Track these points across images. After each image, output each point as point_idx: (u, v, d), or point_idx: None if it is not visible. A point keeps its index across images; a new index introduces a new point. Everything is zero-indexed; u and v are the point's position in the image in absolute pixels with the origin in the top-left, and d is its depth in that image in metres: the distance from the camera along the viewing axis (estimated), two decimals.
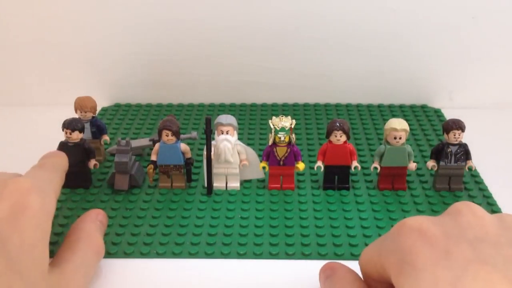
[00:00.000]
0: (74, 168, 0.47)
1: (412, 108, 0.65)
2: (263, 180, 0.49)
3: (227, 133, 0.47)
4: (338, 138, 0.46)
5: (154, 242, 0.41)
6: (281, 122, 0.46)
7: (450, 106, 0.66)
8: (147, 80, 0.66)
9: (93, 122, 0.51)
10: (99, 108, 0.56)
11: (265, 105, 0.67)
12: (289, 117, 0.46)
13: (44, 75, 0.66)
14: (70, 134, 0.46)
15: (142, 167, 0.50)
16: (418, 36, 0.63)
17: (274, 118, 0.46)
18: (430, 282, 0.23)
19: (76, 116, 0.50)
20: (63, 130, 0.46)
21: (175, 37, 0.63)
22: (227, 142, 0.46)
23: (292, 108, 0.66)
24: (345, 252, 0.40)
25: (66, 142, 0.47)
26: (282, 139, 0.46)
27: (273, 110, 0.65)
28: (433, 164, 0.47)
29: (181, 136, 0.48)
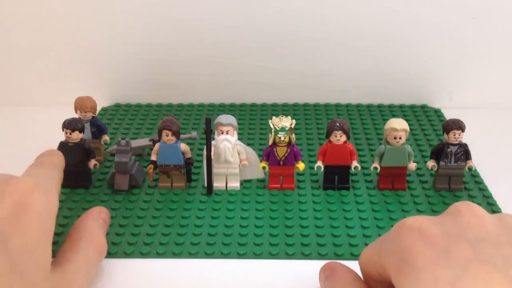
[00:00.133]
0: (74, 168, 0.47)
1: (412, 108, 0.65)
2: (263, 180, 0.49)
3: (227, 133, 0.47)
4: (338, 138, 0.46)
5: (154, 242, 0.41)
6: (281, 122, 0.46)
7: (450, 106, 0.66)
8: (147, 80, 0.66)
9: (93, 122, 0.51)
10: (99, 108, 0.56)
11: (265, 105, 0.67)
12: (289, 117, 0.46)
13: (44, 75, 0.66)
14: (70, 134, 0.46)
15: (142, 167, 0.50)
16: (418, 36, 0.63)
17: (274, 118, 0.46)
18: (430, 282, 0.23)
19: (76, 116, 0.50)
20: (63, 130, 0.46)
21: (175, 37, 0.63)
22: (227, 142, 0.46)
23: (292, 108, 0.66)
24: (345, 252, 0.40)
25: (66, 142, 0.47)
26: (282, 139, 0.46)
27: (273, 110, 0.65)
28: (433, 164, 0.47)
29: (181, 136, 0.48)
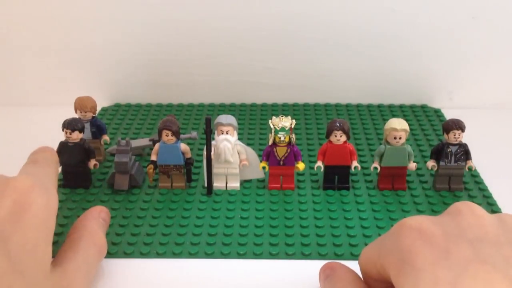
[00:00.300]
0: (74, 168, 0.47)
1: (412, 108, 0.65)
2: (263, 180, 0.49)
3: (227, 133, 0.47)
4: (338, 138, 0.46)
5: (154, 242, 0.41)
6: (281, 122, 0.46)
7: (450, 106, 0.66)
8: (147, 80, 0.66)
9: (93, 122, 0.51)
10: (99, 108, 0.56)
11: (265, 105, 0.67)
12: (289, 117, 0.46)
13: (44, 75, 0.66)
14: (70, 134, 0.46)
15: (142, 167, 0.50)
16: (418, 36, 0.63)
17: (274, 118, 0.46)
18: (430, 281, 0.23)
19: (76, 116, 0.50)
20: (63, 130, 0.46)
21: (175, 37, 0.63)
22: (227, 142, 0.46)
23: (292, 108, 0.66)
24: (345, 252, 0.40)
25: (66, 142, 0.47)
26: (282, 139, 0.46)
27: (273, 110, 0.65)
28: (433, 164, 0.47)
29: (181, 136, 0.48)
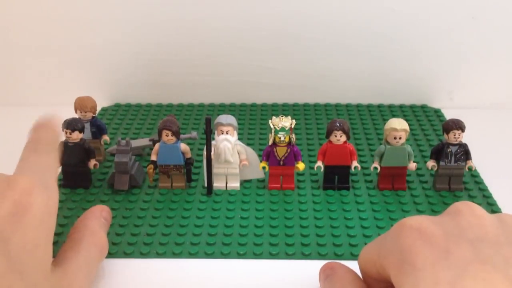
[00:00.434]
0: (74, 168, 0.47)
1: (412, 108, 0.65)
2: (263, 180, 0.49)
3: (227, 133, 0.47)
4: (338, 138, 0.46)
5: (154, 242, 0.41)
6: (281, 122, 0.46)
7: (450, 106, 0.66)
8: (147, 80, 0.66)
9: (93, 122, 0.51)
10: (99, 108, 0.56)
11: (265, 105, 0.67)
12: (289, 117, 0.46)
13: (44, 75, 0.66)
14: (70, 134, 0.46)
15: (142, 167, 0.50)
16: (418, 36, 0.63)
17: (274, 118, 0.46)
18: (430, 282, 0.23)
19: (76, 116, 0.50)
20: (63, 130, 0.46)
21: (175, 37, 0.63)
22: (227, 142, 0.46)
23: (292, 108, 0.66)
24: (345, 252, 0.40)
25: (66, 142, 0.47)
26: (282, 139, 0.46)
27: (273, 110, 0.65)
28: (433, 164, 0.47)
29: (181, 136, 0.48)
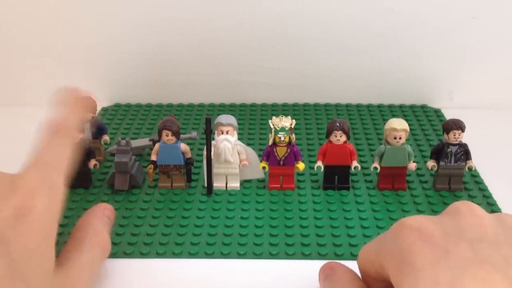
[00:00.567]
0: (74, 168, 0.47)
1: (412, 108, 0.65)
2: (263, 180, 0.49)
3: (227, 133, 0.47)
4: (338, 138, 0.46)
5: (154, 242, 0.41)
6: (281, 122, 0.46)
7: (450, 106, 0.66)
8: (147, 80, 0.66)
9: (93, 122, 0.51)
10: (99, 108, 0.56)
11: (265, 105, 0.67)
12: (289, 117, 0.46)
13: (44, 75, 0.66)
14: None
15: (142, 167, 0.50)
16: (418, 36, 0.63)
17: (274, 118, 0.46)
18: (430, 281, 0.23)
19: None
20: None
21: (175, 37, 0.63)
22: (227, 142, 0.46)
23: (292, 108, 0.66)
24: (345, 252, 0.40)
25: None
26: (282, 139, 0.46)
27: (273, 110, 0.65)
28: (433, 164, 0.47)
29: (181, 136, 0.48)
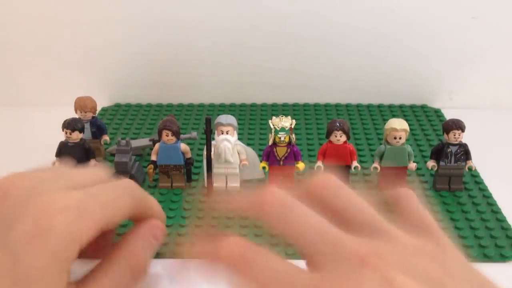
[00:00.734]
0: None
1: (412, 108, 0.65)
2: (263, 180, 0.49)
3: (227, 133, 0.47)
4: (338, 138, 0.46)
5: None
6: (281, 122, 0.46)
7: (450, 106, 0.65)
8: (147, 80, 0.66)
9: (93, 122, 0.51)
10: (99, 108, 0.56)
11: (265, 105, 0.67)
12: (289, 117, 0.46)
13: (44, 75, 0.66)
14: (70, 134, 0.46)
15: (142, 167, 0.50)
16: (418, 36, 0.63)
17: (274, 118, 0.46)
18: None
19: (76, 116, 0.50)
20: (63, 130, 0.46)
21: (175, 37, 0.63)
22: (227, 142, 0.46)
23: (292, 108, 0.66)
24: None
25: (66, 142, 0.47)
26: (282, 139, 0.46)
27: (273, 110, 0.65)
28: (433, 164, 0.47)
29: (181, 136, 0.48)
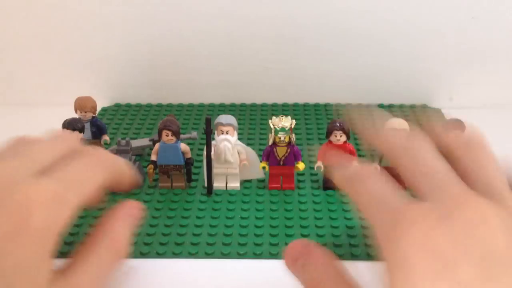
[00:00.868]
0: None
1: (412, 108, 0.65)
2: (263, 180, 0.49)
3: (227, 133, 0.47)
4: (338, 138, 0.46)
5: (154, 242, 0.41)
6: (281, 122, 0.46)
7: (450, 106, 0.65)
8: (147, 80, 0.66)
9: (93, 122, 0.51)
10: (99, 108, 0.56)
11: (265, 105, 0.67)
12: (289, 117, 0.46)
13: (44, 75, 0.66)
14: None
15: (142, 167, 0.50)
16: (418, 36, 0.63)
17: (274, 118, 0.46)
18: None
19: (76, 116, 0.50)
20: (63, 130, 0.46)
21: (175, 37, 0.63)
22: (227, 142, 0.46)
23: (292, 108, 0.66)
24: (345, 253, 0.40)
25: None
26: (282, 139, 0.46)
27: (273, 110, 0.65)
28: None
29: (181, 136, 0.48)
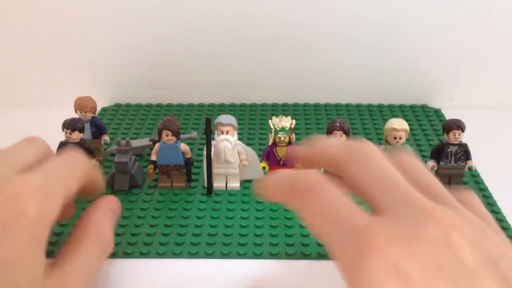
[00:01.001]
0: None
1: (412, 108, 0.65)
2: None
3: (227, 133, 0.47)
4: (338, 138, 0.46)
5: (154, 242, 0.41)
6: (281, 122, 0.46)
7: (450, 106, 0.65)
8: (147, 80, 0.66)
9: (93, 122, 0.51)
10: (99, 108, 0.56)
11: (265, 105, 0.67)
12: (289, 117, 0.46)
13: (44, 75, 0.66)
14: (70, 134, 0.46)
15: (142, 167, 0.50)
16: (418, 36, 0.63)
17: (274, 118, 0.46)
18: None
19: (76, 116, 0.50)
20: (63, 130, 0.46)
21: (176, 37, 0.63)
22: (227, 142, 0.46)
23: (292, 108, 0.66)
24: None
25: (66, 142, 0.47)
26: (282, 139, 0.46)
27: (273, 110, 0.65)
28: (433, 164, 0.47)
29: (181, 136, 0.48)
